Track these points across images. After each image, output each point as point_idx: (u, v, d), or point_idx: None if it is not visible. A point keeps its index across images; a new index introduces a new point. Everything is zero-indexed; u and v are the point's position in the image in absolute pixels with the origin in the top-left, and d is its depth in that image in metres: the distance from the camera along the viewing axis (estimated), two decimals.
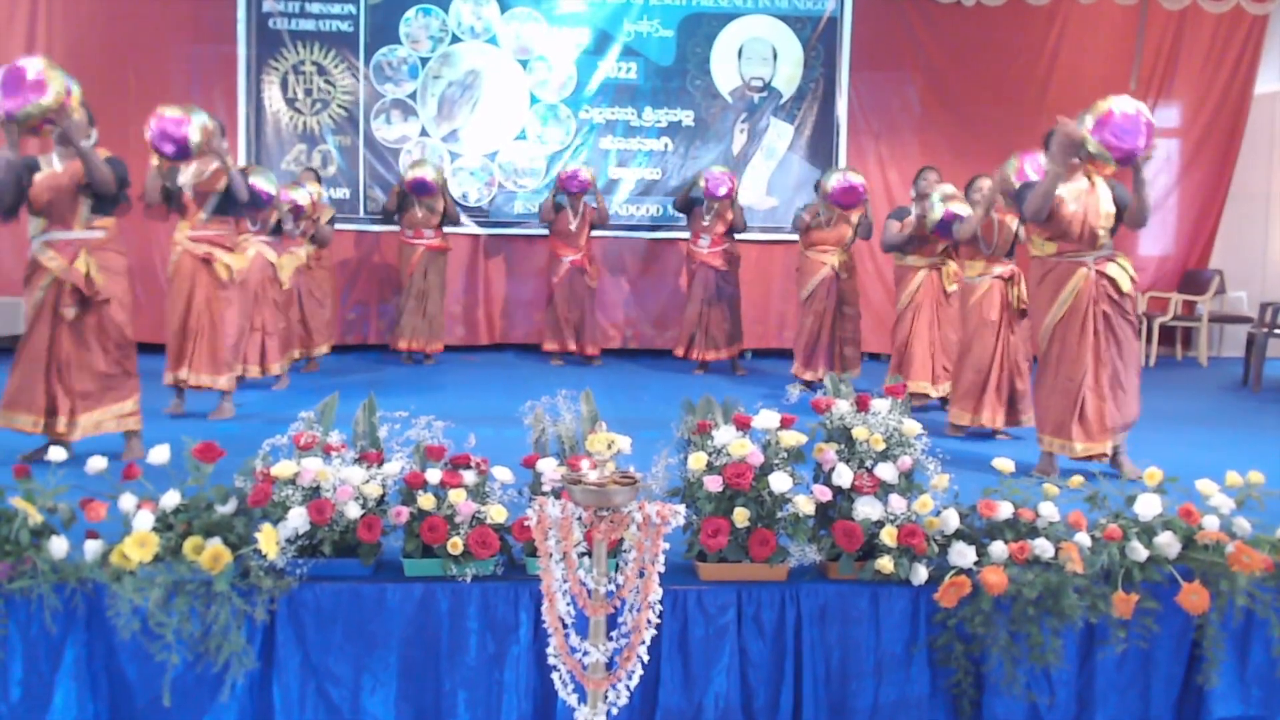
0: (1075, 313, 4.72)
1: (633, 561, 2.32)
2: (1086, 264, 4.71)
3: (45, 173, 4.61)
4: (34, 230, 4.66)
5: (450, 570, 3.09)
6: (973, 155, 8.77)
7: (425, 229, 8.32)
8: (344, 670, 3.07)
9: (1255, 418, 6.76)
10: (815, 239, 7.28)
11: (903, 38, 9.28)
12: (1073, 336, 4.71)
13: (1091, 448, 4.72)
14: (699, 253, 8.17)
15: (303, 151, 8.98)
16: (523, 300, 9.34)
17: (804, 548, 3.15)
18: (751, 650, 3.17)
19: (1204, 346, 9.37)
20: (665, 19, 9.20)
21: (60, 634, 2.97)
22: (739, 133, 9.33)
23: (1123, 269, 4.75)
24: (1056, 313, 4.75)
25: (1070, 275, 4.73)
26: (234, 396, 6.06)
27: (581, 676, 2.37)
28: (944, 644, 3.17)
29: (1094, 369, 4.70)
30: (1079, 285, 4.70)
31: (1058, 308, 4.74)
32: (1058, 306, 4.74)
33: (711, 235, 8.10)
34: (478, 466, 3.25)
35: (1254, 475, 3.42)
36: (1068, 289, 4.72)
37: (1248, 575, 3.14)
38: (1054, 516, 3.26)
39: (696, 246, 8.20)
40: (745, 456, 3.17)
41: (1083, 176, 4.74)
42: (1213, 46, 9.33)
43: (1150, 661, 3.26)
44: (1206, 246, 9.59)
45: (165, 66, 8.79)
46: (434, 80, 9.10)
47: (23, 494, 3.02)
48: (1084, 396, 4.71)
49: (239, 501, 3.09)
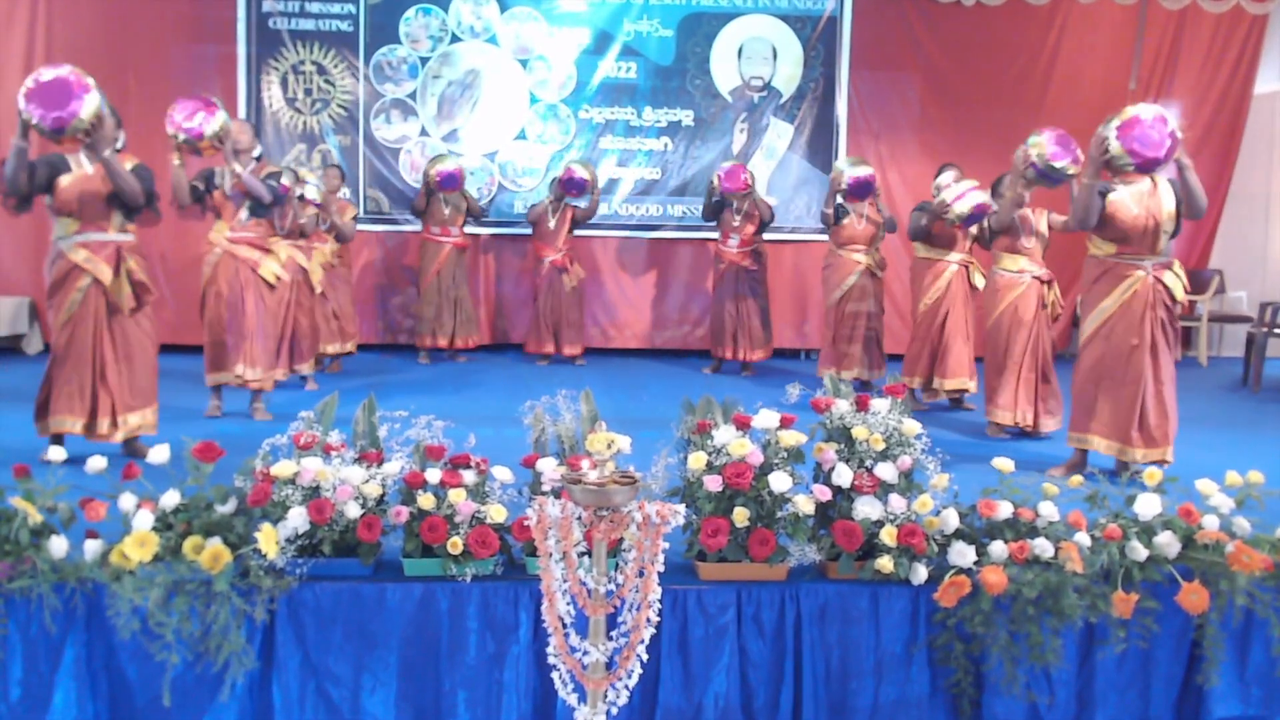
0: (1130, 315, 4.67)
1: (632, 561, 2.32)
2: (1144, 268, 4.67)
3: (76, 174, 4.59)
4: (64, 231, 4.62)
5: (450, 570, 3.09)
6: (973, 155, 8.75)
7: (451, 226, 8.33)
8: (344, 670, 3.07)
9: (1255, 418, 6.76)
10: (846, 237, 7.13)
11: (903, 37, 9.28)
12: (1128, 340, 4.66)
13: (1150, 454, 4.68)
14: (728, 252, 8.11)
15: (303, 151, 8.98)
16: (522, 300, 9.33)
17: (804, 547, 3.15)
18: (751, 650, 3.18)
19: (1204, 346, 9.37)
20: (665, 19, 9.20)
21: (60, 634, 2.97)
22: (739, 132, 9.33)
23: (1178, 278, 4.72)
24: (1108, 308, 4.68)
25: (1127, 276, 4.68)
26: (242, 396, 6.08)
27: (581, 676, 2.37)
28: (944, 644, 3.17)
29: (1154, 375, 4.68)
30: (1135, 286, 4.65)
31: (1109, 303, 4.68)
32: (1109, 302, 4.68)
33: (741, 235, 8.05)
34: (478, 466, 3.25)
35: (1254, 475, 3.42)
36: (1122, 287, 4.67)
37: (1247, 575, 3.15)
38: (1054, 516, 3.26)
39: (725, 246, 8.14)
40: (745, 456, 3.17)
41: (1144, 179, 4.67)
42: (1212, 46, 9.32)
43: (1150, 661, 3.26)
44: (1206, 246, 9.59)
45: (165, 66, 8.77)
46: (434, 80, 9.10)
47: (23, 494, 3.02)
48: (1145, 403, 4.67)
49: (239, 501, 3.10)
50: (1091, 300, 4.79)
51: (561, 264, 8.42)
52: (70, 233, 4.62)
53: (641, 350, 9.35)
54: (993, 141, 9.11)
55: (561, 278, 8.43)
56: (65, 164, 4.59)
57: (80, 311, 4.63)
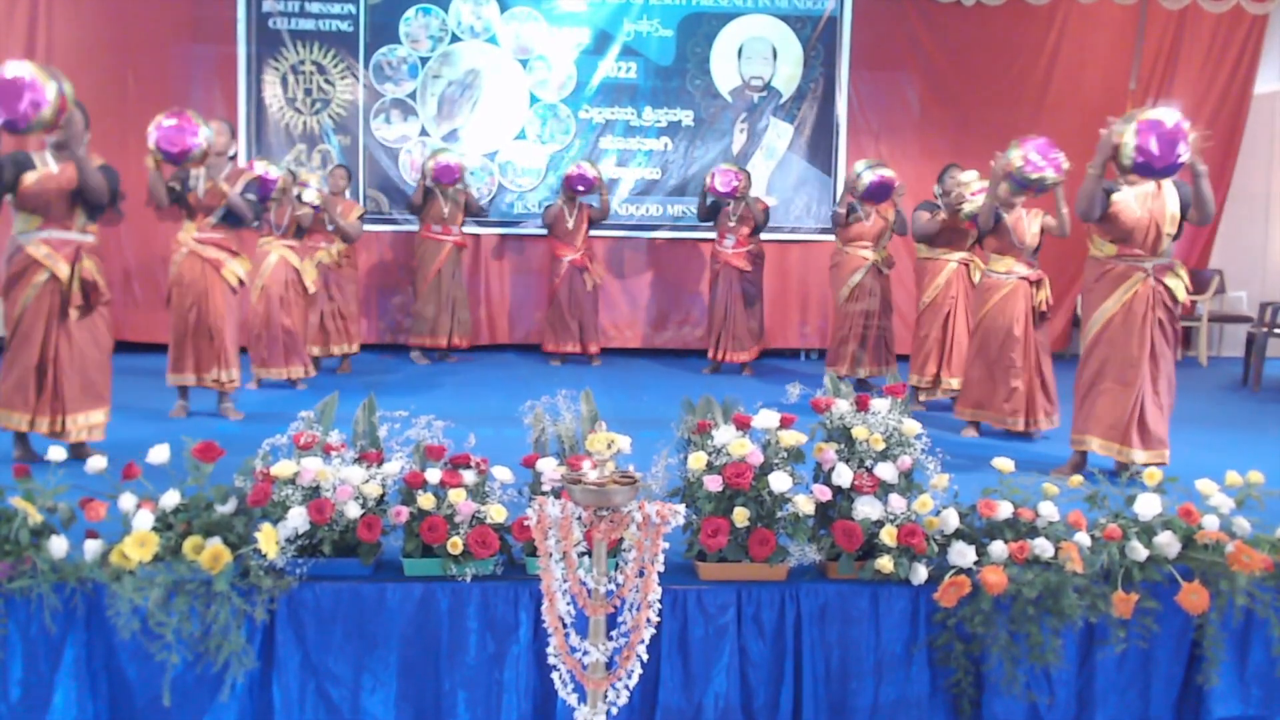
0: (1131, 317, 4.67)
1: (632, 561, 2.32)
2: (1145, 269, 4.66)
3: (40, 171, 4.59)
4: (24, 226, 4.62)
5: (450, 570, 3.09)
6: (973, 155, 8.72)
7: (451, 225, 8.31)
8: (344, 670, 3.07)
9: (1255, 418, 6.76)
10: (854, 234, 7.14)
11: (903, 37, 9.27)
12: (1128, 342, 4.66)
13: (1151, 456, 4.69)
14: (723, 253, 8.11)
15: (302, 151, 8.98)
16: (522, 300, 9.34)
17: (804, 547, 3.15)
18: (751, 650, 3.18)
19: (1204, 346, 9.37)
20: (665, 18, 9.19)
21: (60, 634, 2.97)
22: (739, 132, 9.33)
23: (1179, 279, 4.72)
24: (1109, 309, 4.68)
25: (1128, 277, 4.68)
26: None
27: (581, 676, 2.37)
28: (944, 644, 3.17)
29: (1152, 377, 4.68)
30: (1136, 288, 4.65)
31: (1110, 304, 4.68)
32: (1111, 303, 4.68)
33: (737, 236, 8.05)
34: (478, 466, 3.25)
35: (1254, 475, 3.42)
36: (1123, 289, 4.66)
37: (1247, 575, 3.15)
38: (1054, 516, 3.26)
39: (721, 247, 8.14)
40: (745, 456, 3.17)
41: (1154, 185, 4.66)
42: (1212, 46, 9.32)
43: (1150, 661, 3.26)
44: (1206, 246, 9.59)
45: (165, 66, 8.78)
46: (434, 80, 9.10)
47: (23, 494, 3.02)
48: (1144, 404, 4.68)
49: (239, 501, 3.10)
50: (1093, 301, 4.79)
51: (581, 263, 8.42)
52: (32, 228, 4.62)
53: (641, 350, 9.35)
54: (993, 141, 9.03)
55: (582, 277, 8.43)
56: (30, 162, 4.60)
57: (34, 307, 4.62)
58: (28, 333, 4.62)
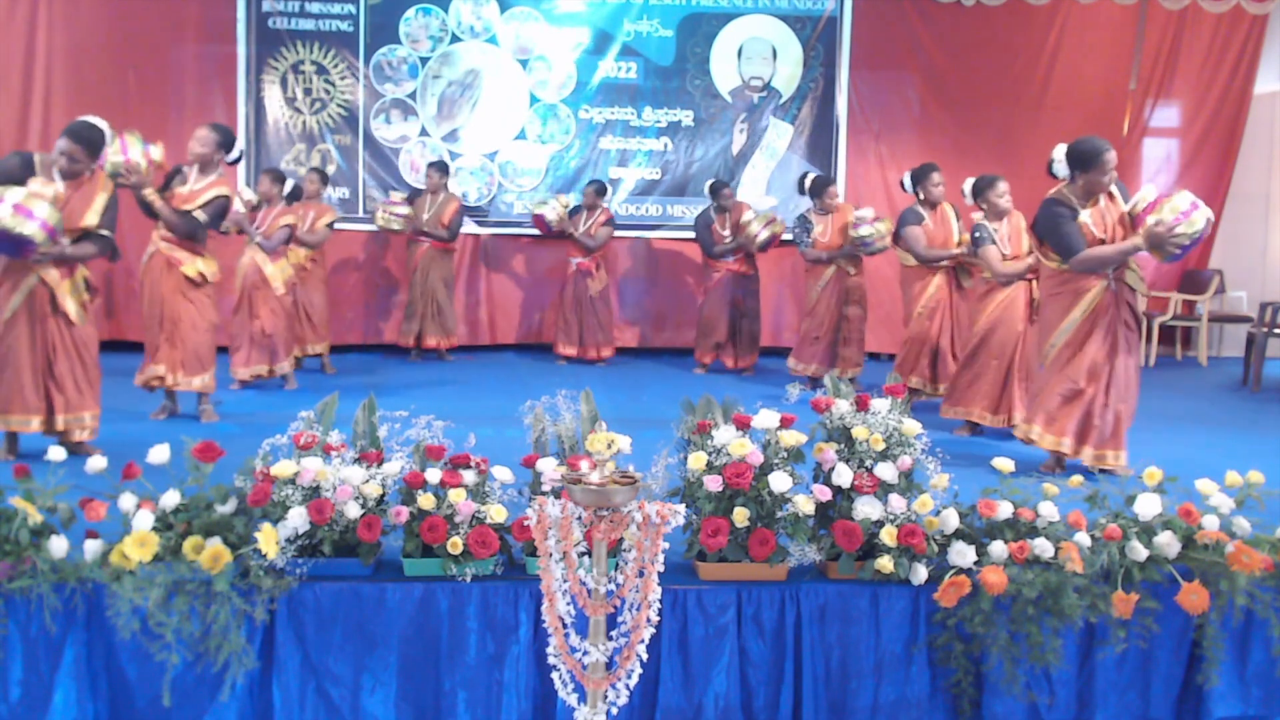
0: (1095, 323, 4.70)
1: (632, 561, 2.32)
2: (1106, 275, 4.69)
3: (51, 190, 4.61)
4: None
5: (450, 570, 3.09)
6: (973, 155, 8.77)
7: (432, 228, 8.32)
8: (344, 670, 3.07)
9: (1255, 418, 6.76)
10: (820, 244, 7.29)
11: (903, 37, 9.27)
12: (1091, 344, 4.69)
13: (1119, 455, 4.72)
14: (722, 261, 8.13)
15: (302, 151, 8.98)
16: (522, 300, 9.34)
17: (804, 547, 3.15)
18: (751, 650, 3.18)
19: (1204, 346, 9.37)
20: (665, 19, 9.19)
21: (60, 634, 2.97)
22: (739, 132, 9.33)
23: (1133, 271, 4.75)
24: (1069, 329, 4.72)
25: (1088, 290, 4.70)
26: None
27: (581, 676, 2.38)
28: (944, 644, 3.17)
29: (1108, 376, 4.70)
30: (1096, 300, 4.68)
31: (1077, 314, 4.71)
32: (1070, 322, 4.72)
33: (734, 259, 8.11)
34: (478, 466, 3.25)
35: (1254, 475, 3.42)
36: (1085, 302, 4.69)
37: (1247, 575, 3.15)
38: (1054, 516, 3.26)
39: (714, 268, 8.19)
40: (745, 456, 3.17)
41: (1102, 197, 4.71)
42: (1212, 46, 9.32)
43: (1150, 661, 3.27)
44: (1206, 246, 9.57)
45: (165, 66, 8.77)
46: (434, 80, 9.10)
47: (23, 494, 3.02)
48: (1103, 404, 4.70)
49: (239, 501, 3.10)
50: (1055, 314, 4.81)
51: (587, 267, 8.41)
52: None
53: (641, 350, 9.35)
54: (993, 141, 9.13)
55: (586, 281, 8.42)
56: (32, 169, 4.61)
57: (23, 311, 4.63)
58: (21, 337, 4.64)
